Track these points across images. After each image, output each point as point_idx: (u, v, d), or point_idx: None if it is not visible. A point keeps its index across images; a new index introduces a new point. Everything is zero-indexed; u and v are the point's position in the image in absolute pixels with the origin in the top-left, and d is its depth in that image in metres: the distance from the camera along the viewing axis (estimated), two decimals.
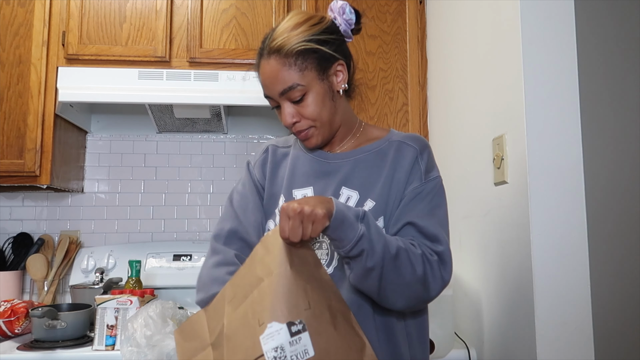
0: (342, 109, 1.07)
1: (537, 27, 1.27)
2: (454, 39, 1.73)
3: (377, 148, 1.07)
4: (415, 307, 0.98)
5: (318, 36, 1.01)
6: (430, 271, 0.92)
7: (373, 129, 1.14)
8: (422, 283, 0.92)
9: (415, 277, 0.91)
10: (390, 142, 1.08)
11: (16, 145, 1.79)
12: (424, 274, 0.91)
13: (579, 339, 1.19)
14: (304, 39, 1.00)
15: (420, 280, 0.91)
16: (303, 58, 1.00)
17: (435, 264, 0.93)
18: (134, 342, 1.31)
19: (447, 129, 1.79)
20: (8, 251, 2.06)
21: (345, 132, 1.11)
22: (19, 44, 1.83)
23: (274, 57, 1.01)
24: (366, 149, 1.08)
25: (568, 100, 1.25)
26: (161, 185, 2.21)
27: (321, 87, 1.01)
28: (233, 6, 1.92)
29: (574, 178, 1.23)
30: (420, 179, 1.02)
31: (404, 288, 0.91)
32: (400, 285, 0.91)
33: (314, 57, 1.00)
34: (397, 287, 0.91)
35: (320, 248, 1.02)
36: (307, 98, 1.01)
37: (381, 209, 1.00)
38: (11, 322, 1.57)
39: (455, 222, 1.70)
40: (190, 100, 1.82)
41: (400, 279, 0.90)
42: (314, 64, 1.00)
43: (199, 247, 2.09)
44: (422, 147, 1.06)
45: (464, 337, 1.55)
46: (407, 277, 0.90)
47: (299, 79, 1.00)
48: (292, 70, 0.99)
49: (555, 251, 1.21)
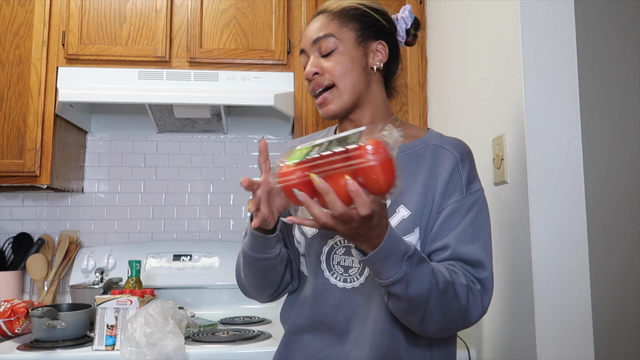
0: (374, 92, 1.03)
1: (537, 27, 1.27)
2: (454, 39, 1.73)
3: (412, 149, 1.00)
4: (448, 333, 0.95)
5: (371, 10, 1.02)
6: (473, 301, 0.89)
7: (410, 127, 1.08)
8: (465, 312, 0.88)
9: (460, 310, 0.87)
10: (428, 144, 1.01)
11: (16, 145, 1.79)
12: (467, 304, 0.88)
13: (579, 339, 1.19)
14: (357, 3, 1.02)
15: (463, 310, 0.88)
16: (348, 17, 1.00)
17: (477, 293, 0.89)
18: (134, 342, 1.31)
19: (447, 129, 1.79)
20: (8, 251, 2.06)
21: (370, 121, 1.03)
22: (19, 44, 1.83)
23: (322, 14, 1.03)
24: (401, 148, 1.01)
25: (568, 100, 1.25)
26: (161, 185, 2.21)
27: (355, 51, 1.00)
28: (233, 6, 1.92)
29: (574, 178, 1.23)
30: (462, 191, 0.95)
31: (447, 321, 0.88)
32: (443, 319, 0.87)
33: (358, 21, 1.01)
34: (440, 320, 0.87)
35: (348, 254, 0.97)
36: (337, 54, 0.99)
37: (416, 219, 0.94)
38: (11, 322, 1.57)
39: None
40: (190, 100, 1.82)
41: (445, 314, 0.86)
42: (357, 27, 1.00)
43: (199, 247, 2.09)
44: (464, 154, 0.99)
45: (464, 337, 1.55)
46: (453, 311, 0.87)
47: (336, 31, 0.99)
48: (333, 23, 1.00)
49: (555, 251, 1.21)
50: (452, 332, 0.97)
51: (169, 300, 1.49)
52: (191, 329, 1.64)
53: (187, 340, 1.51)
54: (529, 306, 1.21)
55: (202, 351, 1.43)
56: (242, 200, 2.23)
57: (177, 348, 1.33)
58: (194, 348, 1.44)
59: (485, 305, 0.91)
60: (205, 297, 2.02)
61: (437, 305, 0.84)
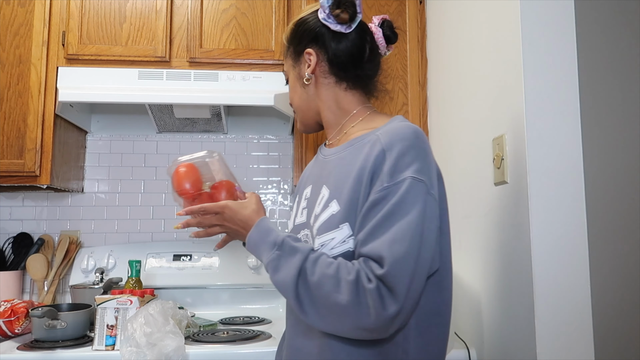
0: (323, 96, 1.07)
1: (537, 27, 1.27)
2: (454, 39, 1.73)
3: (359, 142, 0.99)
4: (346, 335, 0.87)
5: (296, 27, 1.09)
6: (364, 299, 0.81)
7: (376, 119, 1.06)
8: (346, 311, 0.82)
9: (339, 307, 0.83)
10: (373, 136, 0.96)
11: (16, 145, 1.79)
12: (350, 303, 0.82)
13: (579, 339, 1.19)
14: (286, 32, 1.12)
15: (343, 308, 0.82)
16: (286, 47, 1.13)
17: (371, 292, 0.81)
18: (134, 342, 1.31)
19: (447, 129, 1.79)
20: (8, 251, 2.06)
21: (331, 123, 1.08)
22: (19, 44, 1.83)
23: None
24: (351, 142, 1.01)
25: (568, 100, 1.25)
26: (161, 185, 2.21)
27: (294, 73, 1.11)
28: (233, 6, 1.92)
29: (574, 178, 1.23)
30: (383, 182, 0.88)
31: (326, 316, 0.85)
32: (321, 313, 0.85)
33: (290, 44, 1.11)
34: (318, 314, 0.86)
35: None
36: (289, 83, 1.14)
37: (345, 215, 0.91)
38: (11, 322, 1.57)
39: (455, 222, 1.70)
40: (190, 100, 1.82)
41: (321, 308, 0.85)
42: (290, 50, 1.11)
43: (198, 247, 2.09)
44: (394, 142, 0.90)
45: (464, 337, 1.55)
46: (329, 306, 0.84)
47: (285, 63, 1.15)
48: (285, 55, 1.15)
49: (555, 251, 1.21)
50: (348, 333, 0.86)
51: (169, 300, 1.49)
52: (191, 329, 1.64)
53: (187, 340, 1.51)
54: (529, 306, 1.21)
55: (202, 351, 1.43)
56: None
57: (177, 348, 1.33)
58: (194, 348, 1.44)
59: (388, 309, 0.80)
60: (205, 297, 2.02)
61: (307, 297, 0.85)
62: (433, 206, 0.88)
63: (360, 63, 1.06)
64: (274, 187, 2.26)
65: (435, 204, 0.89)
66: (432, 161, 0.92)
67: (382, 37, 1.08)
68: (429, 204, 0.87)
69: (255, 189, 2.24)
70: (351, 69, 1.06)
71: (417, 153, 0.89)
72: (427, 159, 0.90)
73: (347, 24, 1.02)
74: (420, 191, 0.86)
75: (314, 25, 1.05)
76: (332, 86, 1.07)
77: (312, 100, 1.08)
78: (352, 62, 1.05)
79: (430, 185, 0.88)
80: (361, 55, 1.05)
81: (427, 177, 0.88)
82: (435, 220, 0.88)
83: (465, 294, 1.60)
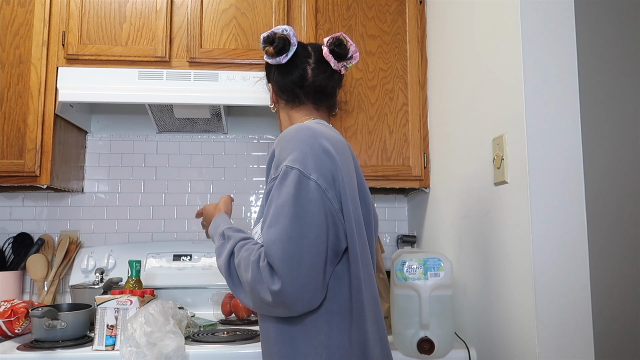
0: (281, 118, 1.27)
1: (537, 27, 1.27)
2: (454, 39, 1.73)
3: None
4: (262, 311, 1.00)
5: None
6: (260, 276, 0.93)
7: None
8: (254, 288, 0.95)
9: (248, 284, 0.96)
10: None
11: (16, 145, 1.79)
12: (253, 280, 0.94)
13: (579, 339, 1.19)
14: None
15: (251, 285, 0.95)
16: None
17: (263, 269, 0.93)
18: (134, 342, 1.31)
19: (447, 129, 1.79)
20: (8, 251, 2.06)
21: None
22: (19, 44, 1.83)
23: None
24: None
25: (568, 100, 1.25)
26: (161, 185, 2.21)
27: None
28: (233, 6, 1.92)
29: (574, 178, 1.23)
30: (270, 175, 1.04)
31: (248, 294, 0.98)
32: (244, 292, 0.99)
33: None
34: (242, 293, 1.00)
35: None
36: None
37: (260, 213, 1.08)
38: (11, 322, 1.57)
39: (455, 222, 1.70)
40: (190, 100, 1.82)
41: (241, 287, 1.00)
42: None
43: (199, 247, 2.09)
44: (279, 140, 1.05)
45: (464, 337, 1.55)
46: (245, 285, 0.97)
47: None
48: None
49: (555, 251, 1.21)
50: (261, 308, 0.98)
51: (169, 300, 1.49)
52: (191, 329, 1.64)
53: (187, 340, 1.51)
54: (529, 306, 1.21)
55: (202, 351, 1.43)
56: (242, 200, 2.23)
57: (177, 348, 1.33)
58: (194, 348, 1.44)
59: (272, 286, 0.92)
60: (205, 297, 2.02)
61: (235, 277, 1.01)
62: (311, 188, 0.95)
63: (302, 83, 1.21)
64: None
65: (314, 186, 0.95)
66: (312, 151, 0.99)
67: (330, 54, 1.21)
68: (304, 187, 0.95)
69: (256, 189, 2.24)
70: (295, 89, 1.21)
71: (295, 145, 1.00)
72: (305, 149, 0.98)
73: (280, 56, 1.19)
74: (292, 177, 0.95)
75: (266, 64, 1.27)
76: (285, 108, 1.25)
77: (279, 121, 1.28)
78: (294, 84, 1.21)
79: (307, 171, 0.96)
80: (303, 77, 1.21)
81: (301, 164, 0.96)
82: (316, 202, 0.94)
83: (465, 294, 1.60)
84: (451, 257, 1.65)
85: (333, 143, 1.03)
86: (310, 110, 1.23)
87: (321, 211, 0.95)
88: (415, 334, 1.41)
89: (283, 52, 1.18)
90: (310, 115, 1.22)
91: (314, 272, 0.93)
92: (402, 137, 1.95)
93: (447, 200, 1.79)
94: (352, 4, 1.97)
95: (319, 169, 0.97)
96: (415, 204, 2.18)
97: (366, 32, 1.97)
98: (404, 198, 2.31)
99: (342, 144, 1.07)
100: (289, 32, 1.19)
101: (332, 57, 1.21)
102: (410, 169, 1.94)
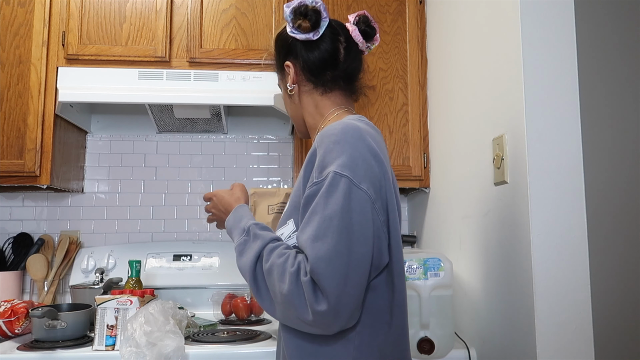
0: (305, 103, 1.12)
1: (537, 27, 1.27)
2: (454, 39, 1.73)
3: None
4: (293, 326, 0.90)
5: (275, 43, 1.16)
6: (302, 291, 0.84)
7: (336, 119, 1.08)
8: (290, 303, 0.85)
9: (283, 297, 0.86)
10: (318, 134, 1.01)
11: (16, 145, 1.79)
12: (290, 294, 0.85)
13: (579, 339, 1.19)
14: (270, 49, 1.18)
15: (287, 299, 0.85)
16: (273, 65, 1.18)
17: (306, 285, 0.83)
18: (133, 342, 1.31)
19: (447, 129, 1.79)
20: (8, 251, 2.06)
21: (312, 127, 1.13)
22: (19, 44, 1.83)
23: None
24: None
25: (568, 100, 1.25)
26: (161, 185, 2.21)
27: (282, 86, 1.17)
28: (233, 6, 1.92)
29: (574, 178, 1.23)
30: (312, 179, 0.92)
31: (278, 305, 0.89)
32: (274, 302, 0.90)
33: (275, 61, 1.17)
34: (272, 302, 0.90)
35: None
36: (282, 95, 1.19)
37: (291, 211, 0.98)
38: (11, 322, 1.57)
39: (455, 222, 1.70)
40: (190, 100, 1.82)
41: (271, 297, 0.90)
42: (276, 65, 1.17)
43: (199, 247, 2.09)
44: (321, 139, 0.94)
45: (464, 337, 1.55)
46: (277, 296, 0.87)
47: (277, 81, 1.20)
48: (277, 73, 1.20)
49: (555, 251, 1.21)
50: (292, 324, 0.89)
51: (169, 300, 1.49)
52: (191, 329, 1.64)
53: (187, 340, 1.51)
54: (529, 306, 1.21)
55: (202, 351, 1.43)
56: None
57: (177, 349, 1.33)
58: (194, 348, 1.44)
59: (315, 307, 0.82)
60: (205, 297, 2.02)
61: (262, 282, 0.91)
62: (361, 200, 0.87)
63: (335, 65, 1.08)
64: (274, 187, 2.26)
65: (364, 197, 0.87)
66: (362, 156, 0.90)
67: (359, 34, 1.09)
68: (354, 197, 0.86)
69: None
70: (327, 72, 1.08)
71: (343, 148, 0.90)
72: (355, 154, 0.89)
73: (312, 32, 1.06)
74: (342, 186, 0.86)
75: (286, 38, 1.10)
76: (311, 92, 1.11)
77: (298, 108, 1.13)
78: (326, 66, 1.08)
79: (357, 179, 0.87)
80: (335, 58, 1.08)
81: (351, 172, 0.87)
82: (366, 214, 0.87)
83: (465, 294, 1.60)
84: (451, 257, 1.65)
85: (378, 145, 0.95)
86: (340, 98, 1.10)
87: (369, 224, 0.87)
88: (415, 334, 1.41)
89: (316, 27, 1.06)
90: (341, 104, 1.10)
91: (357, 290, 0.85)
92: (402, 137, 1.95)
93: (447, 200, 1.78)
94: (352, 4, 1.97)
95: (369, 177, 0.89)
96: (415, 204, 2.18)
97: None
98: (404, 198, 2.31)
99: (384, 145, 1.00)
100: (320, 4, 1.06)
101: (362, 36, 1.10)
102: (410, 169, 1.94)
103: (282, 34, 1.12)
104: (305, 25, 1.05)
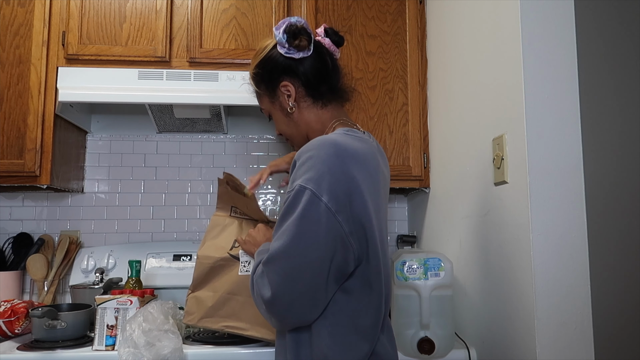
0: (305, 118, 1.14)
1: (537, 27, 1.27)
2: (454, 39, 1.73)
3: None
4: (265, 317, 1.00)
5: (261, 69, 1.16)
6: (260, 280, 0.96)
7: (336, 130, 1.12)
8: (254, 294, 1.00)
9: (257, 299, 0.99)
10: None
11: (16, 145, 1.79)
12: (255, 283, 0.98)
13: (579, 339, 1.19)
14: (250, 71, 1.19)
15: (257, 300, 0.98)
16: (257, 90, 1.19)
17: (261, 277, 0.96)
18: (132, 342, 1.31)
19: (447, 129, 1.79)
20: (8, 251, 2.06)
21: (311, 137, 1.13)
22: (19, 44, 1.83)
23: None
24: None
25: (568, 100, 1.25)
26: (161, 185, 2.21)
27: (275, 107, 1.17)
28: (233, 6, 1.92)
29: (574, 178, 1.23)
30: (287, 189, 0.99)
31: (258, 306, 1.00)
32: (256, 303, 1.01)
33: (260, 83, 1.17)
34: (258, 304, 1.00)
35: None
36: (273, 117, 1.20)
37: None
38: (11, 322, 1.57)
39: (455, 222, 1.70)
40: (190, 100, 1.82)
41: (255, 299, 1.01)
42: (264, 90, 1.17)
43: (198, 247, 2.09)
44: (300, 153, 0.99)
45: (464, 337, 1.55)
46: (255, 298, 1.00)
47: (261, 103, 1.21)
48: (259, 96, 1.21)
49: (555, 251, 1.21)
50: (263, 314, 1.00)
51: (169, 301, 1.50)
52: (191, 329, 1.64)
53: (187, 340, 1.52)
54: (529, 306, 1.21)
55: (202, 351, 1.43)
56: None
57: (175, 350, 1.33)
58: (193, 348, 1.44)
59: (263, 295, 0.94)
60: None
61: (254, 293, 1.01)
62: (319, 210, 0.92)
63: (327, 76, 1.14)
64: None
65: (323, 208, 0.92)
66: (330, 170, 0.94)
67: (332, 44, 1.15)
68: (313, 208, 0.92)
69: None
70: (322, 84, 1.13)
71: (313, 163, 0.95)
72: (322, 169, 0.94)
73: (307, 49, 1.11)
74: (304, 197, 0.93)
75: (279, 60, 1.13)
76: (312, 107, 1.14)
77: (298, 125, 1.16)
78: (322, 78, 1.13)
79: (320, 192, 0.92)
80: (326, 69, 1.14)
81: (315, 185, 0.92)
82: (321, 224, 0.92)
83: (465, 294, 1.60)
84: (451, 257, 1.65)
85: (359, 159, 0.98)
86: (337, 108, 1.16)
87: (327, 233, 0.92)
88: (416, 334, 1.41)
89: (310, 43, 1.11)
90: (339, 115, 1.15)
91: (309, 289, 0.93)
92: (402, 137, 1.95)
93: (447, 200, 1.78)
94: (352, 4, 1.97)
95: (332, 190, 0.93)
96: (415, 204, 2.18)
97: (366, 32, 1.97)
98: (404, 198, 2.31)
99: (370, 156, 1.01)
100: (303, 21, 1.11)
101: (334, 46, 1.15)
102: (410, 169, 1.94)
103: (270, 58, 1.14)
104: (303, 44, 1.10)
